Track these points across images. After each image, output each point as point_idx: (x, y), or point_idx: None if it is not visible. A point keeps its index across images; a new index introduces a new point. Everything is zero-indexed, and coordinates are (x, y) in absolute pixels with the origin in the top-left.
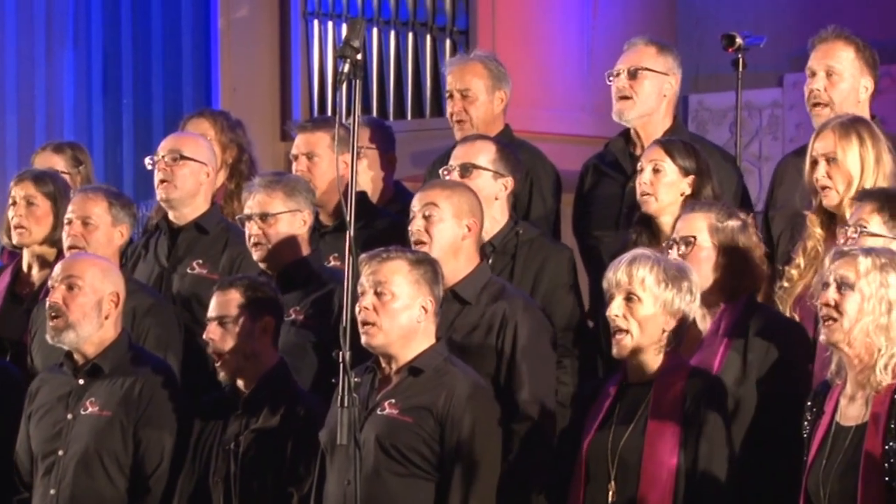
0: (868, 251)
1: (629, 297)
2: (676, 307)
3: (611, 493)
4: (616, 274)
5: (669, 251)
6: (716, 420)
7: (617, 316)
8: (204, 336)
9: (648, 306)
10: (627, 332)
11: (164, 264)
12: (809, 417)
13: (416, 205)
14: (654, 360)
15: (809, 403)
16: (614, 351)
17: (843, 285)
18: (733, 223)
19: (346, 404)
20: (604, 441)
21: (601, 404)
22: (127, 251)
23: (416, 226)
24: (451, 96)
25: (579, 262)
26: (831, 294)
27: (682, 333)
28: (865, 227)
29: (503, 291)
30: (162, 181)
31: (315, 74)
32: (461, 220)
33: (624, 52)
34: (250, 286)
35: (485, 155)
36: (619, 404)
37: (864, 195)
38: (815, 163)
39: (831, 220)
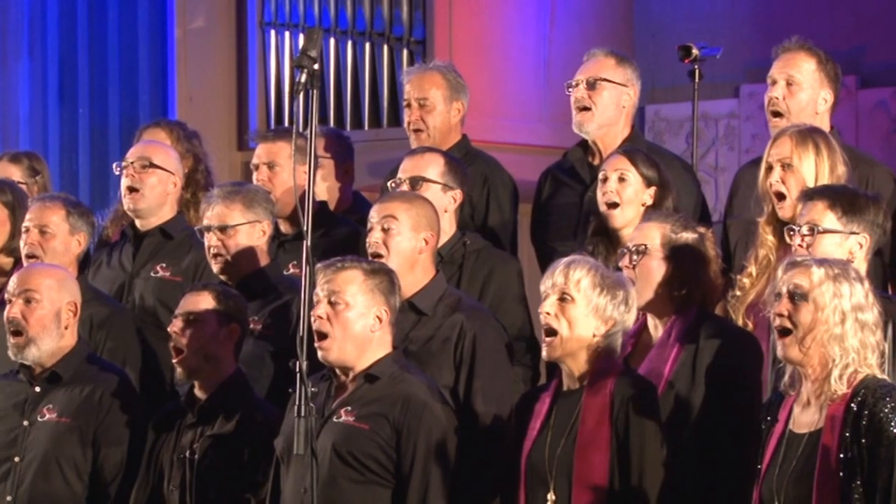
0: (821, 262)
1: (563, 298)
2: (609, 314)
3: (550, 502)
4: (553, 276)
5: (621, 260)
6: (645, 423)
7: (548, 314)
8: (169, 329)
9: (581, 307)
10: (557, 333)
11: (129, 270)
12: (764, 426)
13: (374, 216)
14: (584, 365)
15: (764, 412)
16: (544, 353)
17: (796, 296)
18: (688, 235)
19: (303, 413)
20: (541, 449)
21: (539, 412)
22: (88, 259)
23: (374, 238)
24: (409, 106)
25: (537, 271)
26: (785, 305)
27: (615, 341)
28: (819, 226)
29: (460, 303)
30: (130, 189)
31: (272, 84)
32: (419, 233)
33: (583, 63)
34: (224, 293)
35: (434, 168)
36: (554, 411)
37: (813, 193)
38: (769, 168)
39: (784, 226)
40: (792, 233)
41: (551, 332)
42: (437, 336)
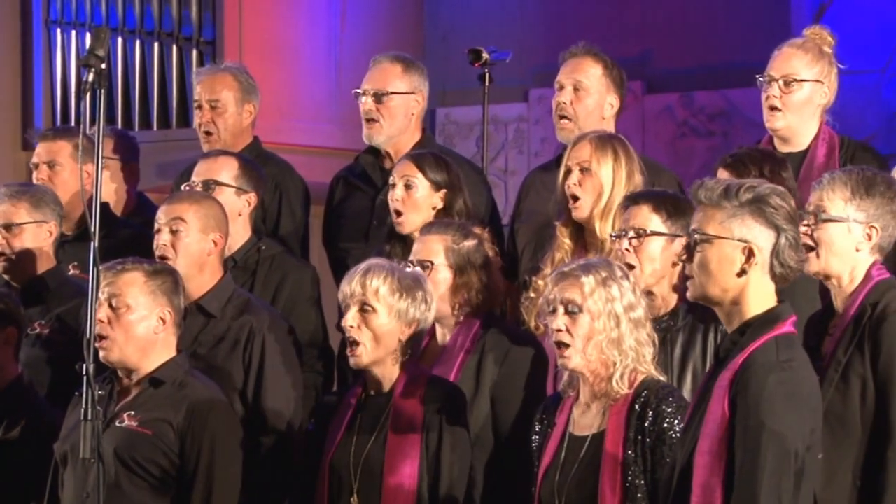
0: (587, 268)
1: (363, 308)
2: (412, 316)
3: None
4: (351, 285)
5: None
6: (455, 430)
7: (352, 327)
8: None
9: (383, 317)
10: (361, 343)
11: None
12: (539, 428)
13: (161, 218)
14: (391, 370)
15: (540, 415)
16: (351, 362)
17: (570, 309)
18: (468, 243)
19: (89, 417)
20: (346, 454)
21: (343, 415)
22: None
23: (161, 240)
24: (200, 107)
25: (328, 274)
26: (561, 320)
27: (419, 342)
28: (645, 230)
29: (248, 304)
30: None
31: (58, 83)
32: (208, 235)
33: (369, 70)
34: None
35: (227, 171)
36: (360, 415)
37: (636, 198)
38: (568, 172)
39: (580, 231)
40: (617, 238)
41: (356, 343)
42: (227, 338)
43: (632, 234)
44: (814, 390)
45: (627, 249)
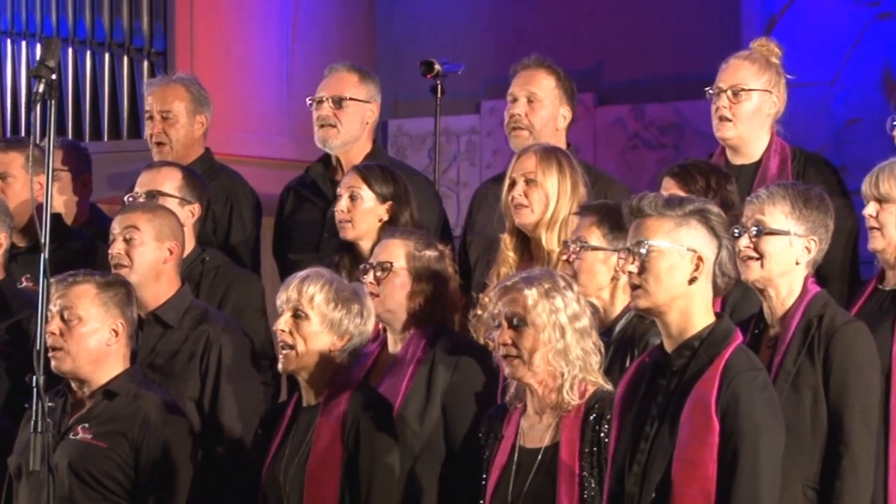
0: (529, 281)
1: (297, 314)
2: (345, 328)
3: None
4: (288, 290)
5: (364, 276)
6: (376, 440)
7: (283, 331)
8: None
9: (315, 324)
10: (293, 347)
11: None
12: (484, 441)
13: (116, 227)
14: (320, 380)
15: (485, 427)
16: (280, 366)
17: (515, 322)
18: (430, 253)
19: (39, 429)
20: (277, 467)
21: (280, 428)
22: None
23: (116, 249)
24: (151, 118)
25: (279, 286)
26: (507, 333)
27: (354, 355)
28: (586, 242)
29: (206, 314)
30: None
31: (8, 94)
32: (163, 244)
33: (325, 78)
34: None
35: (170, 182)
36: (294, 426)
37: (584, 209)
38: (513, 183)
39: (525, 243)
40: (566, 247)
41: (287, 346)
42: (184, 349)
43: (573, 246)
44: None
45: (568, 260)
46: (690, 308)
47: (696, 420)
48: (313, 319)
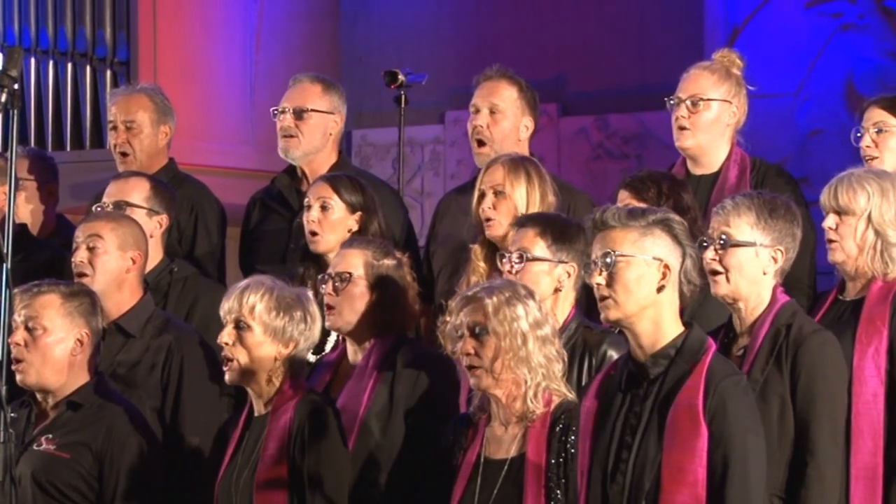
0: (490, 290)
1: (238, 325)
2: (289, 335)
3: None
4: (229, 301)
5: (324, 286)
6: (322, 447)
7: (227, 344)
8: None
9: (258, 335)
10: (235, 360)
11: None
12: (450, 452)
13: (79, 236)
14: (269, 389)
15: (449, 437)
16: (226, 377)
17: (476, 331)
18: (389, 262)
19: (2, 440)
20: (229, 479)
21: (233, 438)
22: None
23: (79, 257)
24: (115, 128)
25: None
26: (469, 343)
27: (301, 362)
28: (529, 253)
29: (168, 324)
30: None
31: None
32: (126, 253)
33: (289, 89)
34: None
35: (138, 192)
36: (245, 438)
37: (525, 220)
38: (482, 195)
39: (495, 253)
40: (503, 259)
41: (229, 359)
42: (145, 359)
43: (514, 256)
44: None
45: (509, 271)
46: (660, 317)
47: (682, 426)
48: (255, 329)
